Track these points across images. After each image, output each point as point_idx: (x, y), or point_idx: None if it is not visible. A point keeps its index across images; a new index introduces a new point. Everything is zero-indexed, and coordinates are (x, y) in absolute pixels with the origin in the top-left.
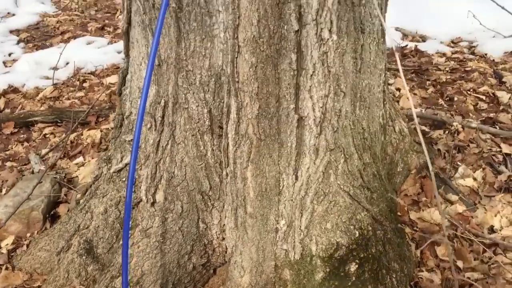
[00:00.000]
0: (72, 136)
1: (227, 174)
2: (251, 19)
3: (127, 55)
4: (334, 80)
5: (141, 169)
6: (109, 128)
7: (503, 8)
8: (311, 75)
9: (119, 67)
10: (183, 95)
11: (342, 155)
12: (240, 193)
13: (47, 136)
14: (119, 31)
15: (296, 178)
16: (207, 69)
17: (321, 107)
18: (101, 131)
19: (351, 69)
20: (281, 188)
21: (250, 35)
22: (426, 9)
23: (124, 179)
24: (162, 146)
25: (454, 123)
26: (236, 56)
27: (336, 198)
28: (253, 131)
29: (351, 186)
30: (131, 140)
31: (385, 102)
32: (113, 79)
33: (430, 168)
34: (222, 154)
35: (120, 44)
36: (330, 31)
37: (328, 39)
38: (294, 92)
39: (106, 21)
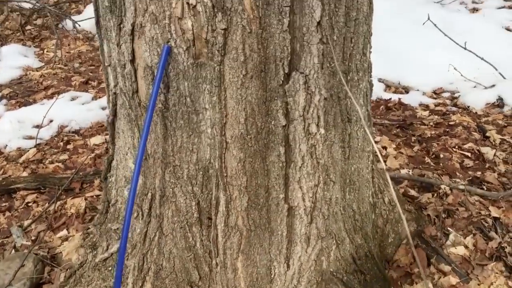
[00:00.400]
0: (55, 205)
1: (217, 264)
2: (238, 117)
3: (112, 143)
4: (324, 171)
5: (127, 259)
6: (94, 196)
7: (482, 59)
8: (300, 167)
9: (103, 125)
10: (171, 189)
11: (334, 241)
12: (230, 283)
13: (29, 204)
14: (103, 85)
15: (288, 267)
16: (195, 163)
17: (311, 197)
18: (85, 199)
19: (340, 157)
20: (272, 276)
21: (238, 133)
22: (408, 59)
23: (110, 267)
24: (150, 238)
25: (442, 186)
26: (224, 152)
27: (330, 286)
28: (243, 223)
29: (344, 272)
30: (117, 229)
31: (373, 179)
32: (98, 139)
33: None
34: (211, 244)
35: (104, 100)
36: (317, 125)
37: (316, 133)
38: (284, 183)
39: (91, 74)
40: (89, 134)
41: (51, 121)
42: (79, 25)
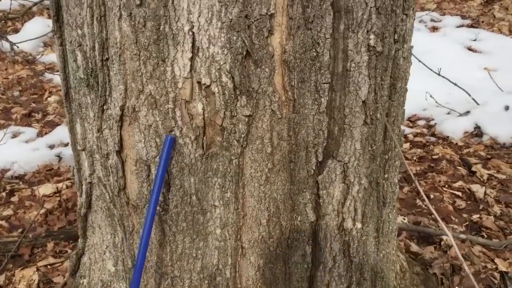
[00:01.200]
0: (1, 279)
1: None
2: (259, 218)
3: (83, 236)
4: (357, 270)
5: None
6: (48, 266)
7: (455, 84)
8: (331, 269)
9: (52, 169)
10: None
11: None
12: None
13: None
14: (49, 118)
15: None
16: (199, 271)
17: None
18: (38, 269)
19: (373, 249)
20: None
21: (258, 236)
22: None
23: None
24: None
25: (444, 237)
26: (239, 259)
27: None
28: None
29: None
30: None
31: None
32: (48, 189)
33: None
34: None
35: (52, 137)
36: (354, 219)
37: (351, 228)
38: (307, 286)
39: (33, 105)
40: (36, 180)
41: None
42: (17, 47)
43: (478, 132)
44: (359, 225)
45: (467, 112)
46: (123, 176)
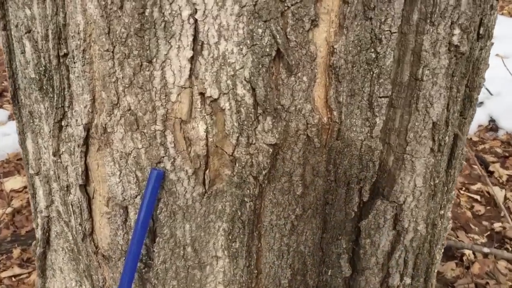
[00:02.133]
0: None
1: None
2: (279, 278)
3: (42, 276)
4: None
5: None
6: (13, 278)
7: None
8: None
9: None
10: None
11: None
12: None
13: None
14: None
15: None
16: None
17: None
18: (0, 281)
19: None
20: None
21: None
22: None
23: None
24: None
25: (466, 252)
26: None
27: None
28: None
29: None
30: None
31: None
32: (17, 182)
33: None
34: None
35: None
36: (402, 274)
37: (398, 285)
38: None
39: (5, 83)
40: (4, 171)
41: None
42: None
43: (493, 126)
44: (408, 281)
45: (481, 103)
46: (90, 219)
